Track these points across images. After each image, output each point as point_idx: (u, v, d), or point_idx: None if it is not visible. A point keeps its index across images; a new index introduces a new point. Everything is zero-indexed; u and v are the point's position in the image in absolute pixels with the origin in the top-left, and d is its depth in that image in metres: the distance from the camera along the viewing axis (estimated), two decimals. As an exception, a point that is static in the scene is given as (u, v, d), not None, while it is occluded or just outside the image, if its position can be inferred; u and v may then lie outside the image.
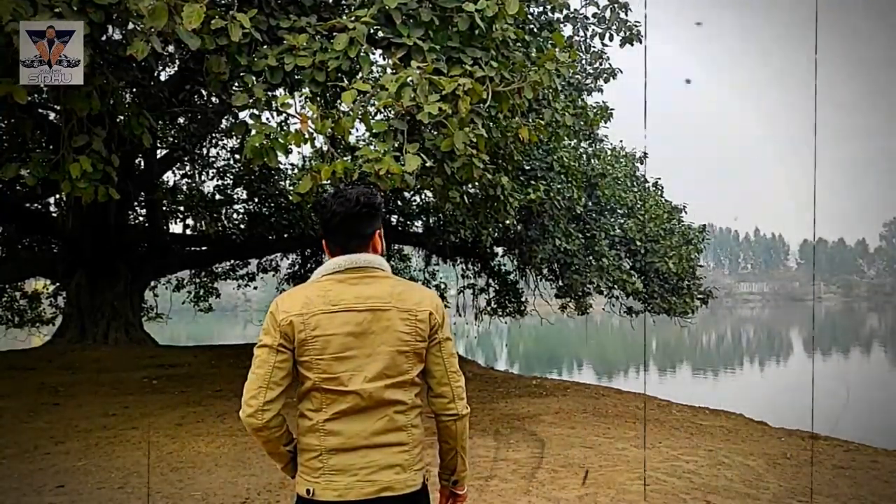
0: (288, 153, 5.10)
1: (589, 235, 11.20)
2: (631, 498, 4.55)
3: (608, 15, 9.40)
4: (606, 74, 11.02)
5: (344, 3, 6.29)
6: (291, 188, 11.85)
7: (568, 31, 9.90)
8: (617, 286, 11.53)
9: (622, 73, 11.10)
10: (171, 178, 14.73)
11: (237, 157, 13.94)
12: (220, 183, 14.71)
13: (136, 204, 13.95)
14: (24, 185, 10.76)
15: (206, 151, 14.48)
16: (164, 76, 9.09)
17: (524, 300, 15.30)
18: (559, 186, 9.25)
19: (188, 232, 15.08)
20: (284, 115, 7.47)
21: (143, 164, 12.95)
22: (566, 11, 9.18)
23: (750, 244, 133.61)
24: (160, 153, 13.31)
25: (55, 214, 13.80)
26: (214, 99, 9.23)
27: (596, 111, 9.93)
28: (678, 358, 24.04)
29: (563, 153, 9.41)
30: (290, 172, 14.19)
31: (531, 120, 6.18)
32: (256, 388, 1.77)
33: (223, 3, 5.38)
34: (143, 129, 5.54)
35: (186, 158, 13.95)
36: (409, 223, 14.63)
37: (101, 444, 6.11)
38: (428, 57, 4.84)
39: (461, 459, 1.98)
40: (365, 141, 9.73)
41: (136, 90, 7.03)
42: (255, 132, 4.73)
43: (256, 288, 18.57)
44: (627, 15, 9.29)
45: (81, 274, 12.85)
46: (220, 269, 17.20)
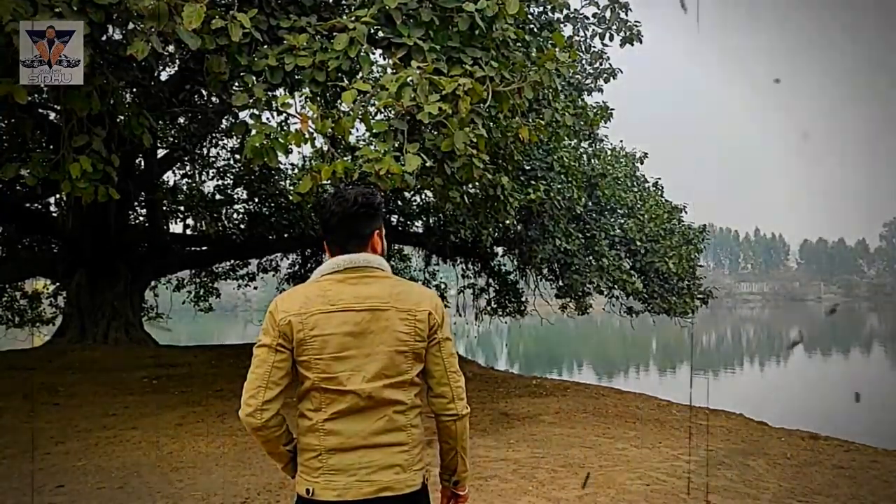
0: (288, 153, 5.10)
1: (589, 235, 11.19)
2: (631, 498, 4.55)
3: (608, 15, 9.41)
4: (606, 74, 11.02)
5: (344, 2, 6.29)
6: (291, 188, 11.85)
7: (568, 31, 9.93)
8: (617, 286, 11.52)
9: (622, 73, 11.12)
10: (171, 178, 14.76)
11: (237, 157, 13.94)
12: (220, 183, 14.71)
13: (136, 204, 13.94)
14: (24, 185, 10.77)
15: (206, 151, 14.46)
16: (164, 76, 9.08)
17: (524, 300, 15.30)
18: (559, 186, 9.25)
19: (188, 232, 15.07)
20: (284, 115, 7.46)
21: (143, 164, 12.94)
22: (566, 11, 9.18)
23: (750, 244, 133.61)
24: (160, 153, 13.31)
25: (55, 214, 13.79)
26: (214, 99, 9.23)
27: (596, 111, 9.93)
28: (678, 358, 24.03)
29: (563, 153, 9.41)
30: (290, 172, 14.19)
31: (531, 120, 6.18)
32: (255, 387, 1.78)
33: (223, 2, 5.38)
34: (143, 129, 5.53)
35: (186, 158, 13.94)
36: (409, 223, 14.62)
37: (101, 444, 6.11)
38: (428, 57, 4.84)
39: (462, 460, 1.97)
40: (365, 141, 9.73)
41: (136, 90, 7.03)
42: (255, 132, 4.73)
43: (256, 288, 18.56)
44: (627, 15, 9.32)
45: (81, 274, 12.84)
46: (220, 269, 17.20)
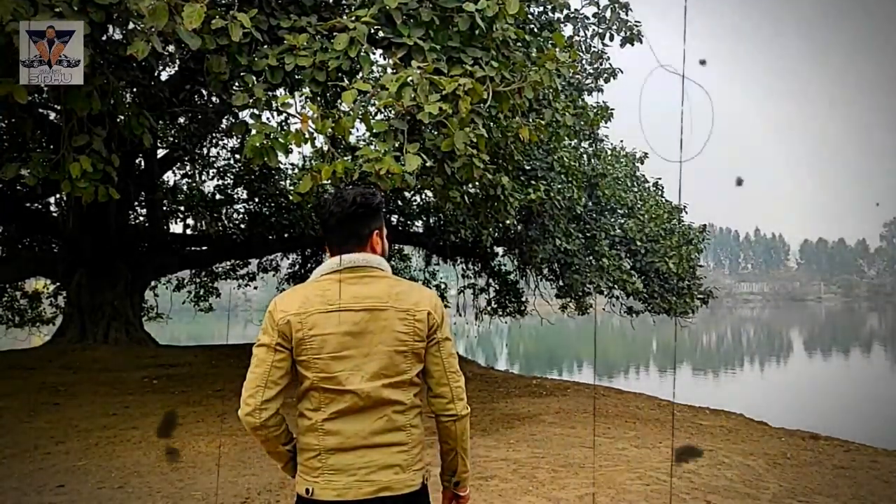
0: (288, 153, 5.11)
1: (589, 235, 11.20)
2: (631, 498, 4.55)
3: (608, 15, 9.42)
4: (606, 74, 11.02)
5: (344, 2, 6.29)
6: (291, 188, 11.86)
7: (568, 31, 9.92)
8: (617, 286, 11.53)
9: (622, 72, 11.11)
10: (171, 178, 14.79)
11: (237, 157, 13.96)
12: (220, 183, 14.72)
13: (136, 204, 13.95)
14: (24, 185, 10.76)
15: (206, 151, 14.48)
16: (164, 76, 9.08)
17: (524, 300, 15.31)
18: (559, 186, 9.25)
19: (188, 232, 15.08)
20: (285, 114, 7.48)
21: (143, 164, 12.95)
22: (566, 11, 9.19)
23: (750, 244, 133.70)
24: (160, 153, 13.32)
25: (55, 214, 13.81)
26: (214, 99, 9.24)
27: (596, 111, 9.94)
28: (678, 358, 24.04)
29: (563, 153, 9.41)
30: (290, 172, 14.21)
31: (531, 120, 6.18)
32: (254, 386, 1.78)
33: (223, 2, 5.38)
34: (143, 129, 5.53)
35: (186, 158, 13.95)
36: (409, 223, 14.64)
37: (101, 444, 6.11)
38: (428, 57, 4.84)
39: (462, 460, 1.96)
40: (365, 141, 9.74)
41: (136, 90, 7.02)
42: (255, 132, 4.73)
43: (256, 288, 18.56)
44: (627, 15, 9.32)
45: (81, 274, 12.84)
46: (220, 268, 17.21)
